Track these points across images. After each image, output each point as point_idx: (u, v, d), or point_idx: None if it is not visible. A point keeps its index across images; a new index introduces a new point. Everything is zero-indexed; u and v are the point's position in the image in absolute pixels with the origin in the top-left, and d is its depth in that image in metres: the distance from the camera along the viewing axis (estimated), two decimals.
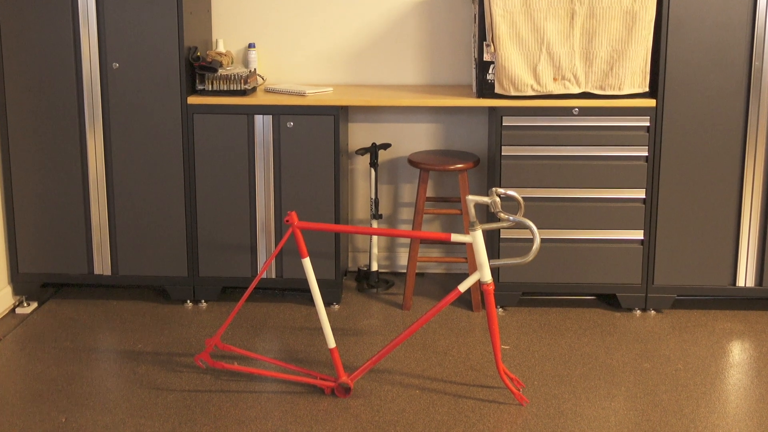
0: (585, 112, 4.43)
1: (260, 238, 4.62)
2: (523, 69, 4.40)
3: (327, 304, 4.66)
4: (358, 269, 5.08)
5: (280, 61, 5.05)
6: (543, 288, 4.60)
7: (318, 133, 4.52)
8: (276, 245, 4.62)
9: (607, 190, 4.48)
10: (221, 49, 4.87)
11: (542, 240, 4.46)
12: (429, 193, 5.07)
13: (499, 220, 3.61)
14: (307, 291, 4.56)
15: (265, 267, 3.74)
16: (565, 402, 3.71)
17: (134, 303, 4.74)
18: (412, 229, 4.77)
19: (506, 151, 4.47)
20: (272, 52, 5.04)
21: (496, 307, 4.58)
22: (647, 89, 4.42)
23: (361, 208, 5.17)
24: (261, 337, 4.35)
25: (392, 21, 4.99)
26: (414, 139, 5.08)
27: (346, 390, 3.74)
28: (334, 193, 4.57)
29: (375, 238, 4.98)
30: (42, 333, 4.38)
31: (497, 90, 4.45)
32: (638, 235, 4.52)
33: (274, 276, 4.67)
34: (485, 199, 3.54)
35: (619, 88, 4.41)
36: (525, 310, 4.65)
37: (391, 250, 5.22)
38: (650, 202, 4.48)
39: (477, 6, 4.49)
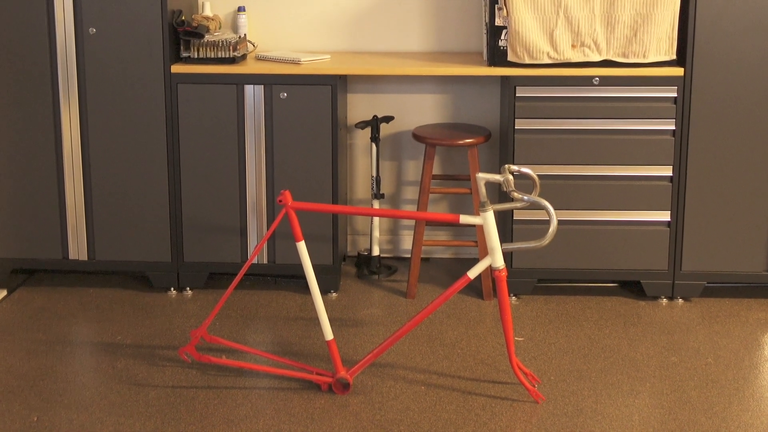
0: (606, 81, 4.43)
1: (251, 220, 4.62)
2: (538, 35, 4.39)
3: (324, 292, 4.65)
4: (358, 254, 5.08)
5: (273, 26, 5.03)
6: (560, 274, 4.61)
7: (314, 104, 4.51)
8: (268, 227, 4.62)
9: (631, 168, 4.48)
10: (208, 12, 4.86)
11: (559, 222, 4.42)
12: (435, 171, 5.06)
13: (512, 200, 3.63)
14: (302, 278, 4.54)
15: (256, 251, 3.75)
16: (584, 399, 3.71)
17: (113, 291, 4.74)
18: (417, 209, 4.76)
19: (520, 124, 4.47)
20: (264, 16, 5.02)
21: (509, 296, 4.55)
22: (674, 57, 4.41)
23: (361, 186, 5.16)
24: (252, 328, 4.36)
25: None
26: (419, 111, 5.08)
27: (345, 386, 3.74)
28: (331, 170, 4.57)
29: (376, 219, 4.97)
30: (12, 323, 4.38)
31: (510, 58, 4.45)
32: (665, 216, 4.51)
33: (265, 261, 4.68)
34: (497, 177, 3.54)
35: (644, 56, 4.40)
36: (540, 298, 4.65)
37: (394, 232, 5.22)
38: (678, 181, 4.48)
39: None
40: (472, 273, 3.65)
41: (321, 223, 4.60)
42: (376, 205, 4.94)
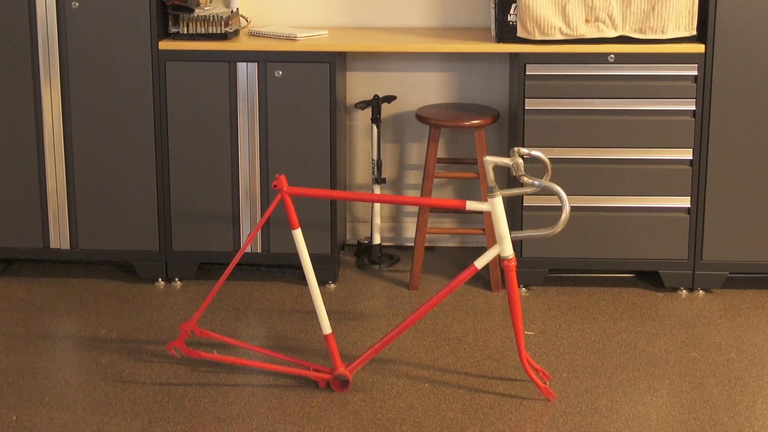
0: (622, 59, 4.43)
1: (244, 207, 4.62)
2: (549, 9, 4.39)
3: (321, 282, 4.65)
4: (358, 242, 5.08)
5: (267, 0, 4.99)
6: (573, 264, 4.62)
7: (311, 83, 4.51)
8: (262, 214, 4.60)
9: (648, 150, 4.48)
10: None
11: (572, 208, 4.41)
12: (440, 154, 5.05)
13: (522, 185, 3.63)
14: (299, 268, 4.52)
15: (250, 240, 3.75)
16: (598, 397, 3.71)
17: (97, 282, 4.74)
18: (421, 195, 4.76)
19: (530, 104, 4.47)
20: None
21: (519, 287, 4.54)
22: (695, 32, 4.41)
23: (361, 171, 5.16)
24: (245, 321, 4.37)
25: None
26: (423, 90, 5.08)
27: (344, 383, 3.74)
28: (329, 153, 4.57)
29: (377, 206, 4.97)
30: None
31: (520, 33, 4.45)
32: (684, 202, 4.51)
33: (259, 250, 4.68)
34: (506, 161, 3.54)
35: (662, 32, 4.40)
36: (552, 289, 4.65)
37: (396, 220, 5.21)
38: (698, 164, 4.48)
39: None
40: (480, 263, 3.63)
41: (318, 209, 4.59)
42: (377, 190, 4.93)
